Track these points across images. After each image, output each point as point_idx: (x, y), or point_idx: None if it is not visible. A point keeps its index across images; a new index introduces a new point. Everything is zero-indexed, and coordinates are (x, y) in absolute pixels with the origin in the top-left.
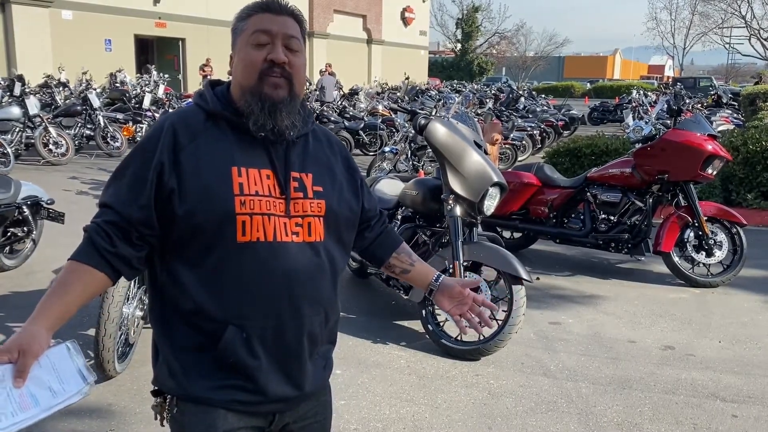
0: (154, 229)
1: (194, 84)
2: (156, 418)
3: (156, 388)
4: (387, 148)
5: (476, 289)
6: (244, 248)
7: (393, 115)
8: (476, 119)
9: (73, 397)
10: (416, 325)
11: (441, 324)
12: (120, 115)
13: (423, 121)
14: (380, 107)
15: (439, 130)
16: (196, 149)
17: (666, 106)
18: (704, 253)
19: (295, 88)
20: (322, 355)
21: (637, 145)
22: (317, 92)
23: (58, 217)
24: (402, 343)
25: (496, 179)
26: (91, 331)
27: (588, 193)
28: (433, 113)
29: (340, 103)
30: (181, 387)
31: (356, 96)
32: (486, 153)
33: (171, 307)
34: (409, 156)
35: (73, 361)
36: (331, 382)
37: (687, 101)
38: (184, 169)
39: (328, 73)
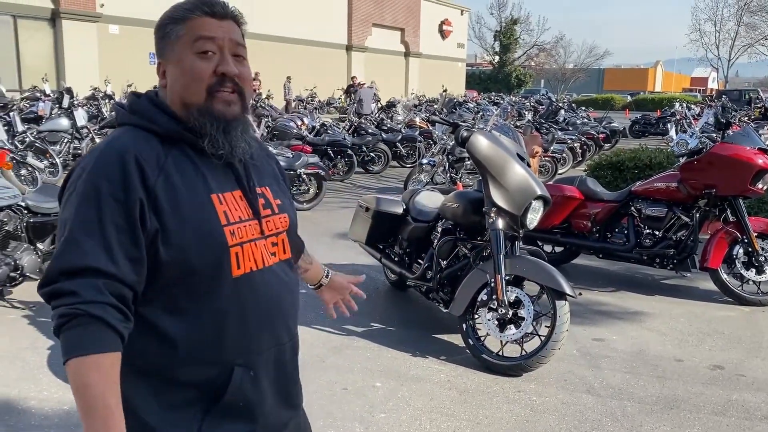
0: (143, 283)
1: None
2: None
3: None
4: (424, 160)
5: (518, 304)
6: (239, 282)
7: (430, 127)
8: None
9: None
10: (456, 339)
11: (482, 339)
12: None
13: (465, 133)
14: (417, 119)
15: (481, 142)
16: (167, 180)
17: (712, 118)
18: (754, 270)
19: (246, 102)
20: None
21: (683, 159)
22: (355, 104)
23: None
24: (442, 357)
25: (539, 192)
26: None
27: (632, 207)
28: (475, 126)
29: (377, 115)
30: None
31: (394, 108)
32: (528, 165)
33: (142, 367)
34: (446, 168)
35: None
36: (370, 394)
37: (733, 114)
38: (162, 205)
39: (367, 86)
